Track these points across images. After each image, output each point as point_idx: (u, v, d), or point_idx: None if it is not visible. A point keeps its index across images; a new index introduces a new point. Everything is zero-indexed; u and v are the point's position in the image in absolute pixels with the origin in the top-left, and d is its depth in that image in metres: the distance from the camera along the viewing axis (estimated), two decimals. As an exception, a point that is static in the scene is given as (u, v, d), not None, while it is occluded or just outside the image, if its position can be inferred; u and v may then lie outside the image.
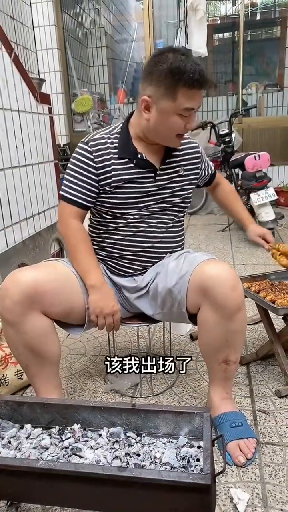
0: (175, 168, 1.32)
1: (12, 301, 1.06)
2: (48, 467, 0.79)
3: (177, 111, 1.13)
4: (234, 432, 1.16)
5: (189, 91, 1.10)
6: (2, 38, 1.86)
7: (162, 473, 0.77)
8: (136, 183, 1.25)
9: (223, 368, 1.17)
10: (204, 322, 1.14)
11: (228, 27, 6.32)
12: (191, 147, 1.36)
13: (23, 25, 4.19)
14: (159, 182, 1.28)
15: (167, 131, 1.18)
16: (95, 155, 1.21)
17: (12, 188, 1.95)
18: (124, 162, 1.23)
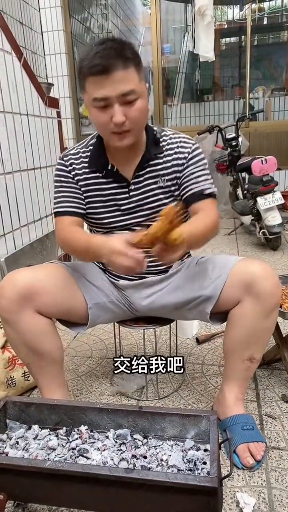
0: (153, 179, 1.17)
1: (7, 300, 1.09)
2: (55, 468, 0.79)
3: (92, 104, 1.03)
4: (245, 434, 1.16)
5: (93, 79, 0.99)
6: (12, 43, 1.88)
7: (169, 475, 0.77)
8: (111, 201, 1.19)
9: (246, 366, 1.19)
10: (241, 316, 1.14)
11: (235, 32, 6.35)
12: (179, 151, 1.17)
13: (31, 30, 4.24)
14: (134, 198, 1.18)
15: (98, 127, 1.09)
16: (69, 169, 1.20)
17: (20, 191, 1.97)
18: (95, 176, 1.18)
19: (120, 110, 1.01)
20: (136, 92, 1.01)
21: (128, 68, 0.99)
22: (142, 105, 1.05)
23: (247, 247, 3.33)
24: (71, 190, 1.20)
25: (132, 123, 1.04)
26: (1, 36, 1.80)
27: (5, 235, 1.81)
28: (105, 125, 1.05)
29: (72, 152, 1.22)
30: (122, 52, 0.98)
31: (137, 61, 1.03)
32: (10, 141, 1.87)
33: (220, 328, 1.93)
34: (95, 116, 1.05)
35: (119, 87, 0.99)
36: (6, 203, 1.83)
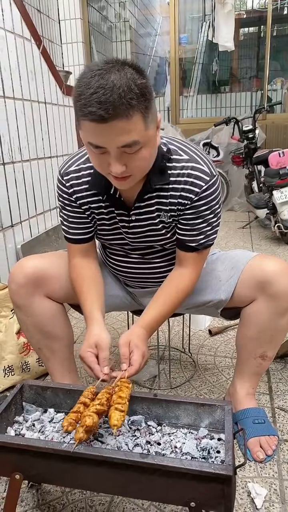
0: (154, 213, 1.03)
1: (17, 284, 1.11)
2: (72, 450, 0.80)
3: (87, 145, 0.87)
4: (256, 428, 1.16)
5: (87, 124, 0.81)
6: (31, 30, 1.88)
7: (184, 462, 0.77)
8: (113, 224, 1.09)
9: (258, 363, 1.18)
10: (255, 315, 1.13)
11: (255, 22, 6.22)
12: (189, 189, 0.99)
13: (49, 18, 4.22)
14: (134, 229, 1.07)
15: (97, 168, 0.93)
16: (70, 191, 1.06)
17: (37, 179, 1.98)
18: (98, 199, 1.06)
19: (118, 162, 0.85)
20: (139, 142, 0.84)
21: (132, 117, 0.79)
22: (147, 153, 0.88)
23: (261, 241, 3.30)
24: (75, 216, 1.10)
25: (133, 171, 0.89)
26: (21, 23, 1.79)
27: (21, 223, 1.83)
28: (102, 168, 0.90)
29: (73, 169, 1.06)
30: (127, 96, 0.77)
31: (145, 104, 0.81)
32: (28, 129, 1.88)
33: (234, 321, 1.93)
34: (91, 156, 0.90)
35: (119, 138, 0.81)
36: (23, 191, 1.84)
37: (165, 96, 5.78)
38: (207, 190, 0.99)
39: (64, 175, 1.07)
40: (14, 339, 1.50)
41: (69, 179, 1.06)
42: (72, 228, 1.12)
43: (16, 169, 1.77)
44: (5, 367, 1.48)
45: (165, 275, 1.14)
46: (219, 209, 1.04)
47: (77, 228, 1.12)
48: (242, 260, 1.16)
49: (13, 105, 1.74)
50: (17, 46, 1.76)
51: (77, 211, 1.09)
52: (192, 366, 1.61)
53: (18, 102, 1.79)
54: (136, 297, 1.33)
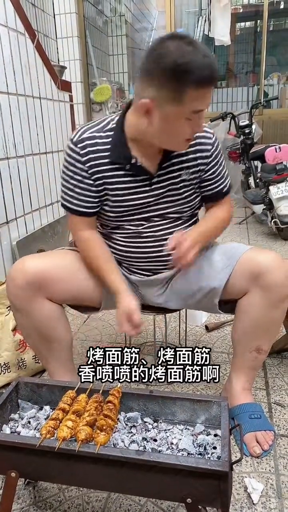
0: (177, 172, 1.12)
1: (17, 287, 1.08)
2: (67, 448, 0.80)
3: (184, 116, 0.96)
4: (252, 423, 1.16)
5: (198, 91, 0.91)
6: (25, 24, 1.86)
7: (179, 458, 0.77)
8: (130, 194, 1.12)
9: (253, 357, 1.18)
10: (249, 307, 1.13)
11: (251, 16, 6.19)
12: (201, 142, 1.12)
13: (44, 12, 4.18)
14: (155, 192, 1.12)
15: (173, 137, 1.02)
16: (84, 160, 1.07)
17: (32, 175, 1.97)
18: (116, 168, 1.09)
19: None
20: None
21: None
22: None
23: (258, 236, 3.30)
24: (85, 187, 1.10)
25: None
26: (15, 17, 1.77)
27: (16, 219, 1.82)
28: (185, 133, 1.01)
29: (86, 136, 1.08)
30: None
31: None
32: (23, 124, 1.86)
33: (230, 316, 1.93)
34: (180, 126, 0.98)
35: (210, 98, 0.98)
36: (18, 187, 1.83)
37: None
38: (215, 141, 1.15)
39: (78, 142, 1.07)
40: (10, 336, 1.49)
41: (84, 146, 1.07)
42: (79, 199, 1.11)
43: (11, 165, 1.76)
44: (1, 364, 1.48)
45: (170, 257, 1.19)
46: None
47: (84, 201, 1.11)
48: (238, 251, 1.17)
49: (7, 100, 1.72)
50: (11, 40, 1.74)
51: (87, 182, 1.10)
52: (188, 362, 1.61)
53: (13, 97, 1.77)
54: (138, 289, 1.30)
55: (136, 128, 1.05)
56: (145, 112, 0.98)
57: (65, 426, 0.83)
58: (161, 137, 1.03)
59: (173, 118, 0.96)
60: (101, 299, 1.24)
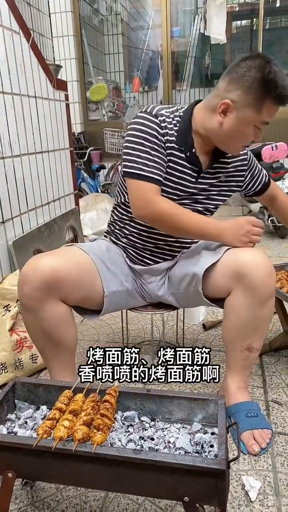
0: (218, 174, 1.27)
1: (31, 287, 1.06)
2: (64, 447, 0.80)
3: (255, 123, 1.11)
4: (249, 422, 1.16)
5: (274, 106, 1.09)
6: (20, 23, 1.84)
7: (177, 457, 0.77)
8: (180, 179, 1.20)
9: (245, 356, 1.17)
10: (234, 306, 1.13)
11: (247, 14, 6.18)
12: (240, 154, 1.30)
13: (39, 11, 4.17)
14: (200, 185, 1.24)
15: (237, 139, 1.15)
16: (164, 132, 1.15)
17: (28, 174, 1.96)
18: (179, 149, 1.17)
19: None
20: None
21: None
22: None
23: (255, 235, 3.30)
24: (162, 157, 1.15)
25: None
26: (9, 15, 1.76)
27: (13, 219, 1.81)
28: (248, 139, 1.15)
29: (163, 112, 1.15)
30: None
31: None
32: (18, 123, 1.85)
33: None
34: (247, 131, 1.12)
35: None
36: (14, 187, 1.82)
37: (158, 90, 5.74)
38: (247, 152, 1.33)
39: (158, 115, 1.15)
40: (6, 336, 1.49)
41: (164, 120, 1.15)
42: (155, 168, 1.13)
43: (6, 165, 1.75)
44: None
45: (189, 244, 1.32)
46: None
47: (159, 169, 1.14)
48: (223, 248, 1.18)
49: (2, 100, 1.71)
50: (5, 39, 1.73)
51: (163, 152, 1.15)
52: (186, 361, 1.61)
53: (8, 96, 1.76)
54: (141, 278, 1.33)
55: (203, 123, 1.16)
56: (222, 111, 1.11)
57: (62, 426, 0.83)
58: (226, 137, 1.15)
59: (246, 122, 1.10)
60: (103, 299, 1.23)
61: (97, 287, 1.21)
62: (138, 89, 5.64)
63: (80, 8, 4.68)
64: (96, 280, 1.21)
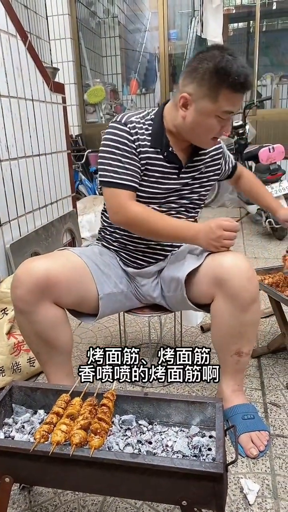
0: (199, 166, 1.29)
1: (24, 290, 1.06)
2: (61, 452, 0.80)
3: (216, 113, 1.09)
4: (246, 424, 1.15)
5: (231, 94, 1.06)
6: (17, 26, 1.85)
7: (174, 461, 0.77)
8: (162, 178, 1.22)
9: (235, 360, 1.17)
10: (218, 313, 1.13)
11: (244, 17, 6.21)
12: (216, 147, 1.33)
13: (36, 14, 4.17)
14: (182, 180, 1.26)
15: (203, 132, 1.15)
16: (134, 138, 1.16)
17: (25, 177, 1.96)
18: (155, 151, 1.20)
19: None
20: None
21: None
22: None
23: (252, 236, 3.31)
24: (133, 163, 1.17)
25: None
26: (6, 19, 1.76)
27: (10, 222, 1.81)
28: (213, 131, 1.14)
29: (133, 119, 1.18)
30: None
31: None
32: (15, 126, 1.85)
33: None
34: (210, 123, 1.11)
35: (240, 104, 1.12)
36: (11, 190, 1.82)
37: (155, 93, 5.75)
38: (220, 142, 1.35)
39: (127, 122, 1.17)
40: (4, 339, 1.48)
41: (133, 127, 1.17)
42: (129, 174, 1.16)
43: (3, 168, 1.75)
44: (-5, 368, 1.47)
45: (168, 248, 1.32)
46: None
47: (133, 176, 1.17)
48: (206, 252, 1.17)
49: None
50: (2, 42, 1.73)
51: (134, 158, 1.17)
52: (184, 363, 1.61)
53: (5, 99, 1.76)
54: (135, 281, 1.34)
55: (172, 121, 1.18)
56: (182, 105, 1.12)
57: (59, 430, 0.83)
58: (191, 131, 1.15)
59: (206, 114, 1.10)
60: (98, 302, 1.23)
61: (92, 290, 1.21)
62: (135, 91, 5.65)
63: (77, 11, 4.69)
64: (90, 283, 1.21)
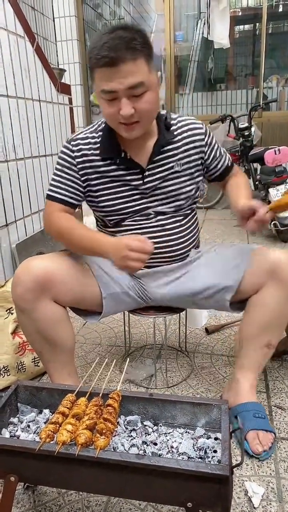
0: (169, 164, 1.18)
1: (23, 288, 1.07)
2: (67, 452, 0.80)
3: (99, 94, 1.02)
4: (256, 422, 1.16)
5: (100, 70, 0.97)
6: (25, 27, 1.86)
7: (180, 462, 0.77)
8: (122, 186, 1.17)
9: (264, 352, 1.19)
10: (263, 302, 1.14)
11: (250, 19, 6.20)
12: (192, 134, 1.20)
13: (43, 15, 4.19)
14: (149, 184, 1.18)
15: (106, 118, 1.08)
16: (76, 155, 1.16)
17: (32, 177, 1.97)
18: (107, 163, 1.15)
19: (128, 103, 1.00)
20: (145, 84, 0.99)
21: (137, 59, 0.96)
22: (152, 97, 1.03)
23: (257, 238, 3.30)
24: (70, 179, 1.18)
25: (141, 115, 1.03)
26: (14, 20, 1.77)
27: (16, 222, 1.81)
28: (113, 116, 1.04)
29: (80, 136, 1.18)
30: (132, 42, 0.94)
31: (148, 52, 0.99)
32: (22, 127, 1.86)
33: (230, 318, 1.93)
34: (103, 107, 1.05)
35: (127, 80, 0.97)
36: (17, 190, 1.83)
37: (160, 94, 5.76)
38: (207, 130, 1.23)
39: (71, 141, 1.17)
40: (9, 339, 1.48)
41: (77, 144, 1.16)
42: (63, 188, 1.17)
43: (10, 168, 1.76)
44: (0, 367, 1.47)
45: (181, 245, 1.25)
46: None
47: (67, 190, 1.17)
48: (251, 248, 1.20)
49: (6, 103, 1.72)
50: (10, 43, 1.75)
51: (74, 175, 1.17)
52: (189, 365, 1.61)
53: (12, 99, 1.77)
54: (142, 289, 1.29)
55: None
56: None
57: (64, 430, 0.83)
58: (106, 120, 1.11)
59: (98, 96, 1.04)
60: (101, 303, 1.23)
61: (94, 289, 1.21)
62: (141, 92, 5.65)
63: (84, 13, 4.71)
64: (93, 282, 1.20)
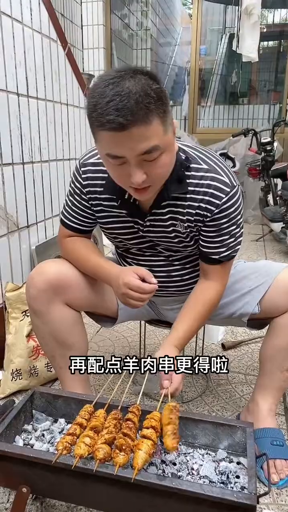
0: (170, 221, 1.01)
1: (37, 290, 1.06)
2: (85, 467, 0.76)
3: (105, 159, 0.86)
4: (273, 450, 1.10)
5: (106, 134, 0.79)
6: (58, 31, 1.87)
7: (203, 487, 0.73)
8: (125, 223, 1.06)
9: (285, 377, 1.13)
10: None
11: (275, 36, 6.22)
12: (208, 201, 0.96)
13: (72, 23, 4.25)
14: (147, 234, 1.05)
15: (114, 179, 0.91)
16: (84, 184, 1.05)
17: (55, 180, 1.96)
18: (109, 198, 1.04)
19: (139, 171, 0.82)
20: (159, 148, 0.81)
21: (151, 122, 0.77)
22: (167, 159, 0.86)
23: (275, 254, 3.25)
24: (80, 207, 1.10)
25: (154, 180, 0.87)
26: (49, 24, 1.79)
27: (37, 224, 1.80)
28: (122, 179, 0.88)
29: (91, 161, 1.04)
30: (144, 101, 0.75)
31: (163, 108, 0.80)
32: (49, 129, 1.86)
33: (247, 335, 1.87)
34: (110, 169, 0.89)
35: (139, 146, 0.79)
36: (40, 192, 1.82)
37: (182, 106, 5.78)
38: (227, 201, 0.96)
39: (82, 165, 1.05)
40: (23, 342, 1.46)
41: (86, 171, 1.04)
42: (73, 216, 1.12)
43: (35, 169, 1.75)
44: (13, 370, 1.44)
45: (188, 282, 1.14)
46: (241, 219, 1.02)
47: (78, 219, 1.12)
48: (272, 270, 1.13)
49: (35, 105, 1.72)
50: (43, 46, 1.76)
51: (84, 204, 1.09)
52: (204, 381, 1.56)
53: (41, 102, 1.77)
54: (155, 305, 1.29)
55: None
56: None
57: (82, 443, 0.79)
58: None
59: (102, 156, 0.88)
60: (117, 308, 1.21)
61: (110, 296, 1.19)
62: (163, 103, 5.68)
63: (112, 22, 4.77)
64: (107, 288, 1.17)
